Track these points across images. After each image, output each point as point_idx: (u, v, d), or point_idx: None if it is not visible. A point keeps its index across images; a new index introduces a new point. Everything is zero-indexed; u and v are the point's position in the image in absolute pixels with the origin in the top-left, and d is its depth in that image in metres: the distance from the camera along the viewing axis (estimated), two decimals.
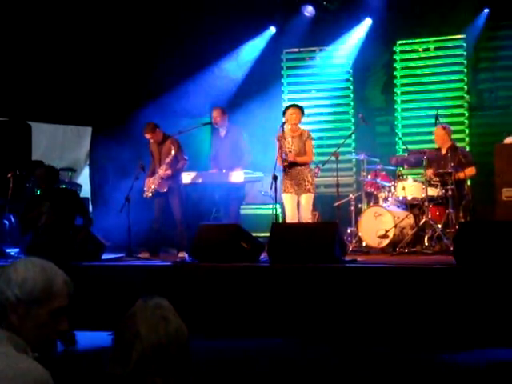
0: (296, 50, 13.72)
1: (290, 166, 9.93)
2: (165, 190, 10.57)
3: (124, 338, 2.24)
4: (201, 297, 8.31)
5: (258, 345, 7.64)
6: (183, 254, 10.15)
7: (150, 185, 10.61)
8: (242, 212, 11.57)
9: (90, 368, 6.25)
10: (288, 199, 9.95)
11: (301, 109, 10.22)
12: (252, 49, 13.69)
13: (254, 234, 9.61)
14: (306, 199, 9.90)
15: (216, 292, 8.34)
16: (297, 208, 9.95)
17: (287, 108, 10.28)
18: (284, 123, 10.00)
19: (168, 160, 10.58)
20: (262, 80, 13.48)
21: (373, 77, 13.40)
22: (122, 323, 2.29)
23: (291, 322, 7.92)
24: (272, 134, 10.31)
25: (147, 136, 10.79)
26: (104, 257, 9.89)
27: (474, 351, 6.96)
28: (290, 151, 9.95)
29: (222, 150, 11.08)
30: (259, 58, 13.64)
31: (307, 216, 9.91)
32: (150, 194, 10.62)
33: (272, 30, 13.67)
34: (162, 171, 10.59)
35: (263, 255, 8.95)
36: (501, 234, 7.83)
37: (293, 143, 9.98)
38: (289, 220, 10.01)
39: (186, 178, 10.89)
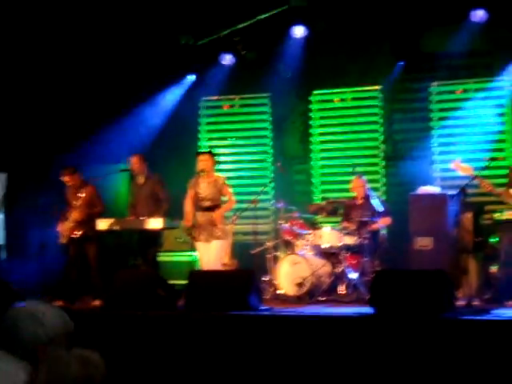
0: (215, 97, 13.79)
1: (202, 213, 9.93)
2: (77, 235, 10.41)
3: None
4: (116, 345, 8.17)
5: None
6: (99, 302, 9.99)
7: (64, 230, 10.46)
8: (160, 259, 11.46)
9: None
10: (200, 247, 9.93)
11: (213, 155, 10.25)
12: (171, 96, 13.70)
13: (171, 282, 9.54)
14: (216, 246, 9.86)
15: (132, 340, 8.22)
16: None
17: (199, 154, 10.29)
18: (201, 170, 10.00)
19: (79, 203, 10.46)
20: (180, 127, 13.47)
21: (291, 126, 13.54)
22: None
23: (207, 370, 7.84)
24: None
25: (65, 179, 10.65)
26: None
27: None
28: (203, 198, 9.95)
29: (140, 198, 11.00)
30: (178, 105, 13.65)
31: (217, 263, 9.85)
32: (65, 240, 10.46)
33: (190, 78, 13.71)
34: (73, 215, 10.46)
35: (180, 303, 8.88)
36: (415, 282, 7.96)
37: (206, 190, 9.98)
38: (203, 268, 9.97)
39: (103, 224, 10.76)
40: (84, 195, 10.50)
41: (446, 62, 12.30)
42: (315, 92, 13.24)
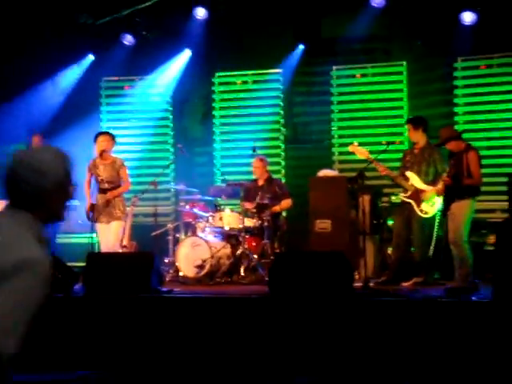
0: (115, 78, 13.61)
1: (101, 194, 9.83)
2: None
3: None
4: None
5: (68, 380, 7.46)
6: None
7: None
8: (58, 241, 11.29)
9: None
10: (100, 229, 9.83)
11: (111, 136, 10.13)
12: (70, 75, 13.46)
13: (70, 264, 9.40)
14: (115, 227, 9.78)
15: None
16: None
17: (97, 135, 10.15)
18: (100, 151, 9.88)
19: None
20: (80, 107, 13.25)
21: (192, 108, 13.50)
22: None
23: (105, 353, 7.78)
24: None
25: None
26: None
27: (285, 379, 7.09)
28: (102, 179, 9.85)
29: None
30: (78, 85, 13.43)
31: (115, 245, 9.78)
32: None
33: (90, 57, 13.50)
34: None
35: (78, 285, 8.77)
36: (313, 263, 8.06)
37: (105, 171, 9.87)
38: (103, 250, 9.88)
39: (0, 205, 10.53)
40: None
41: (346, 46, 12.46)
42: (218, 74, 13.23)
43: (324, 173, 11.00)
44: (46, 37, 12.72)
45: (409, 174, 9.62)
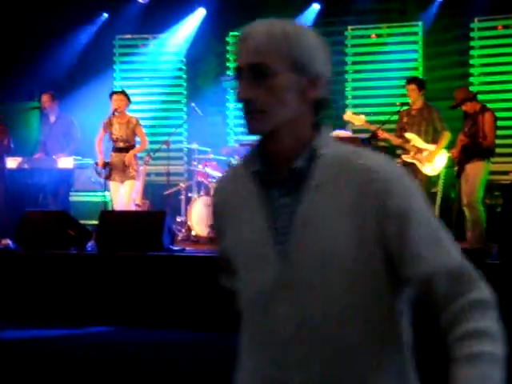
0: (129, 36, 13.57)
1: (115, 153, 9.86)
2: None
3: None
4: (25, 284, 8.11)
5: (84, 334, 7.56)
6: (6, 241, 9.85)
7: None
8: (71, 199, 11.33)
9: None
10: (113, 187, 9.87)
11: (126, 95, 10.13)
12: (84, 34, 13.42)
13: (83, 222, 9.46)
14: (129, 185, 9.83)
15: (42, 279, 8.16)
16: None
17: (112, 94, 10.16)
18: (114, 110, 9.89)
19: None
20: (94, 66, 13.24)
21: (206, 67, 13.44)
22: None
23: (115, 310, 7.86)
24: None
25: None
26: None
27: None
28: (117, 138, 9.87)
29: (51, 136, 10.82)
30: (91, 43, 13.39)
31: (129, 203, 9.83)
32: None
33: (104, 15, 13.44)
34: None
35: (91, 243, 8.82)
36: None
37: (120, 130, 9.89)
38: (116, 208, 9.92)
39: (12, 162, 10.56)
40: None
41: (361, 6, 12.35)
42: (231, 33, 13.14)
43: (337, 133, 10.97)
44: None
45: (409, 135, 9.60)
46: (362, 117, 9.88)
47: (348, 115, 10.07)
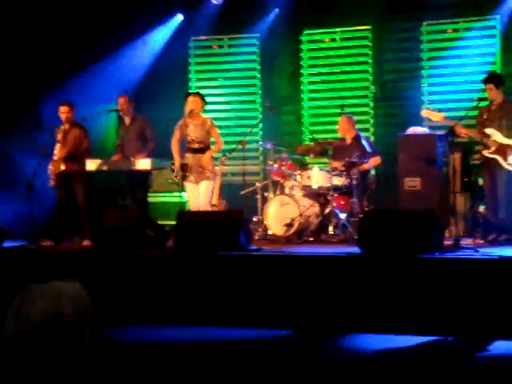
0: (204, 37, 13.66)
1: (191, 154, 9.92)
2: (63, 170, 10.38)
3: (2, 323, 2.18)
4: (105, 285, 8.22)
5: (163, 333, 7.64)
6: (87, 242, 10.02)
7: (52, 169, 10.45)
8: (149, 200, 11.47)
9: None
10: (189, 188, 9.94)
11: (201, 97, 10.20)
12: (160, 36, 13.56)
13: (160, 222, 9.56)
14: (205, 187, 9.88)
15: (121, 279, 8.27)
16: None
17: (187, 96, 10.24)
18: (189, 111, 9.96)
19: (67, 141, 10.48)
20: (169, 68, 13.36)
21: (280, 66, 13.44)
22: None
23: (196, 308, 7.92)
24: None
25: (62, 110, 10.55)
26: (5, 245, 9.68)
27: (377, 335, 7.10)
28: (192, 139, 9.94)
29: (128, 138, 10.97)
30: (167, 45, 13.52)
31: (206, 204, 9.88)
32: (54, 182, 10.45)
33: (180, 17, 13.56)
34: (60, 152, 10.45)
35: (169, 243, 8.91)
36: (403, 221, 7.99)
37: (195, 131, 9.96)
38: (193, 208, 10.00)
39: (91, 164, 10.73)
40: (73, 133, 10.52)
41: (436, 1, 12.21)
42: (306, 32, 13.13)
43: (413, 130, 10.87)
44: None
45: (489, 130, 9.47)
46: (440, 113, 9.76)
47: (426, 111, 9.97)
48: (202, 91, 10.99)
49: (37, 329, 2.11)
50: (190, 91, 11.15)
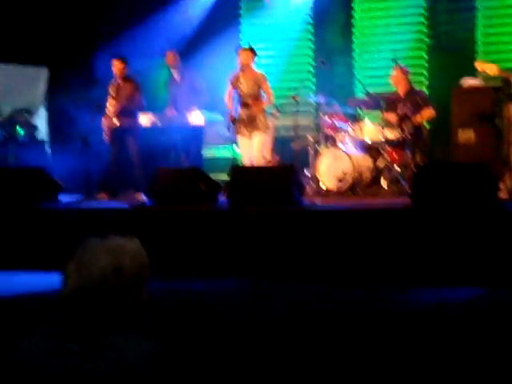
0: None
1: (243, 108, 9.92)
2: (117, 125, 10.46)
3: (62, 279, 2.23)
4: (161, 238, 8.32)
5: (223, 284, 7.72)
6: (141, 196, 10.14)
7: (105, 123, 10.54)
8: (202, 154, 11.52)
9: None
10: (242, 141, 9.96)
11: (253, 50, 10.16)
12: None
13: (214, 177, 9.61)
14: (258, 139, 9.89)
15: (176, 234, 8.36)
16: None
17: (239, 50, 10.22)
18: (241, 66, 9.94)
19: (121, 96, 10.56)
20: (220, 21, 13.32)
21: (332, 18, 13.30)
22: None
23: (251, 262, 7.99)
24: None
25: (115, 65, 10.61)
26: (61, 199, 9.84)
27: (428, 290, 7.10)
28: (245, 93, 9.93)
29: (179, 93, 11.00)
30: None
31: (259, 156, 9.90)
32: (108, 137, 10.55)
33: None
34: (114, 107, 10.53)
35: (222, 197, 8.97)
36: (457, 175, 7.93)
37: (247, 86, 9.95)
38: (246, 162, 10.03)
39: (144, 119, 10.81)
40: (126, 88, 10.59)
41: None
42: None
43: (467, 81, 10.72)
44: None
45: None
46: (495, 66, 9.54)
47: (480, 64, 9.77)
48: (254, 45, 10.94)
49: (99, 283, 2.16)
50: (242, 45, 11.10)
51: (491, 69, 9.51)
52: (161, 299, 6.29)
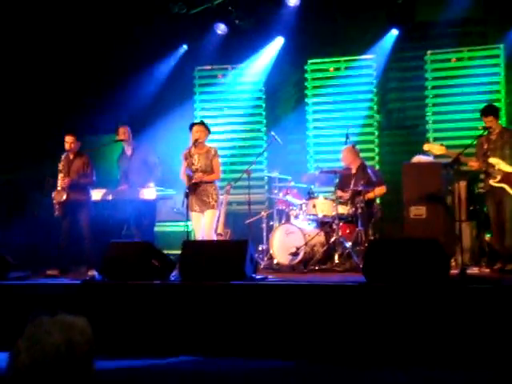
0: (208, 67, 13.73)
1: (194, 184, 9.91)
2: (65, 199, 10.36)
3: (10, 356, 2.20)
4: (110, 315, 8.21)
5: (167, 364, 7.60)
6: (93, 272, 10.01)
7: (56, 198, 10.44)
8: (154, 229, 11.47)
9: None
10: (194, 217, 9.94)
11: (206, 126, 10.21)
12: (164, 66, 13.63)
13: (166, 252, 9.54)
14: (209, 215, 9.86)
15: (126, 310, 8.25)
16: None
17: (192, 125, 10.26)
18: (194, 141, 9.98)
19: (71, 171, 10.50)
20: (174, 97, 13.44)
21: (285, 95, 13.50)
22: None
23: (200, 338, 7.89)
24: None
25: (67, 140, 10.57)
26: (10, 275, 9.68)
27: (380, 369, 7.04)
28: (197, 169, 9.94)
29: (131, 168, 10.99)
30: (171, 75, 13.60)
31: (210, 233, 9.86)
32: (58, 212, 10.45)
33: (184, 47, 13.65)
34: (64, 182, 10.46)
35: (174, 273, 8.89)
36: (409, 251, 7.96)
37: (199, 161, 9.97)
38: (198, 238, 9.99)
39: (97, 194, 10.75)
40: (77, 163, 10.55)
41: (440, 30, 12.26)
42: (310, 61, 13.19)
43: (418, 159, 10.88)
44: (138, 28, 12.92)
45: (493, 160, 9.47)
46: (442, 146, 9.70)
47: (428, 145, 9.94)
48: (207, 120, 11.02)
49: (53, 359, 2.14)
50: (195, 121, 11.18)
51: (438, 149, 9.67)
52: (106, 377, 6.15)
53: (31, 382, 2.13)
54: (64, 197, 10.40)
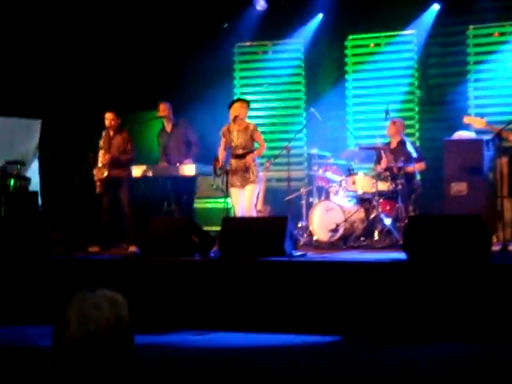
0: (248, 43, 13.70)
1: (235, 160, 9.93)
2: (107, 176, 10.43)
3: (57, 329, 2.23)
4: (151, 291, 8.27)
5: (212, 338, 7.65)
6: (133, 248, 10.09)
7: (97, 175, 10.51)
8: (194, 206, 11.52)
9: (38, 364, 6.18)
10: (234, 193, 9.96)
11: (246, 102, 10.21)
12: (204, 43, 13.61)
13: (206, 228, 9.59)
14: (249, 190, 9.88)
15: (166, 286, 8.31)
16: None
17: (232, 102, 10.25)
18: (233, 118, 9.98)
19: (112, 148, 10.56)
20: (214, 74, 13.42)
21: (324, 71, 13.42)
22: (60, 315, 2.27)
23: (240, 314, 7.93)
24: None
25: (107, 117, 10.61)
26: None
27: (423, 345, 7.03)
28: (236, 145, 9.95)
29: (171, 145, 11.02)
30: (211, 52, 13.57)
31: (250, 207, 9.88)
32: (99, 189, 10.52)
33: (224, 24, 13.62)
34: (104, 158, 10.52)
35: (214, 249, 8.93)
36: (450, 227, 7.91)
37: (238, 137, 9.98)
38: (237, 214, 10.01)
39: (137, 171, 10.80)
40: (118, 140, 10.60)
41: (482, 4, 12.08)
42: (350, 37, 13.10)
43: (460, 135, 10.78)
44: (179, 4, 12.95)
45: None
46: (483, 119, 9.60)
47: (468, 118, 9.85)
48: (247, 97, 11.00)
49: (104, 331, 2.18)
50: (235, 97, 11.16)
51: (479, 122, 9.57)
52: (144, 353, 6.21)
53: (82, 354, 2.16)
54: (105, 174, 10.47)
